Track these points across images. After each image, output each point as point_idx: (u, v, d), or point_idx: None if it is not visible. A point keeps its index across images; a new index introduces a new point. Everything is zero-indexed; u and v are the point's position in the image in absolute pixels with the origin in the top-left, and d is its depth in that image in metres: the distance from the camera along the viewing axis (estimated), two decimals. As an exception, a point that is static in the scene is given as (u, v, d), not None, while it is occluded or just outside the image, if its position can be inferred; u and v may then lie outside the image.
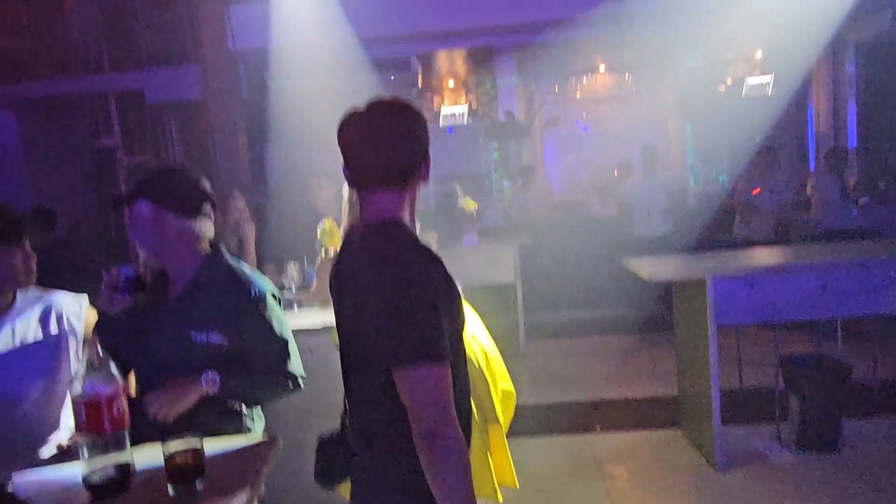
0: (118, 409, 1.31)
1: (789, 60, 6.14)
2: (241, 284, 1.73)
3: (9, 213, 1.71)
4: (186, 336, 1.69)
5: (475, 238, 5.30)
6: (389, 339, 1.14)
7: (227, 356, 1.71)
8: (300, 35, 5.61)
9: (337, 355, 2.22)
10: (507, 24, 5.81)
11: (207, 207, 1.76)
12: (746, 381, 3.79)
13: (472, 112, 7.64)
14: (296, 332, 1.85)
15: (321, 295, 2.96)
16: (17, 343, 1.73)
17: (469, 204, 6.44)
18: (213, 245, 1.79)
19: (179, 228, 1.70)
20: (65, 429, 1.78)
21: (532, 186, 6.83)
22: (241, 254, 3.85)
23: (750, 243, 4.85)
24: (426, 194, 7.10)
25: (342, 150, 1.33)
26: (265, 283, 1.78)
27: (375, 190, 1.30)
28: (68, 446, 1.75)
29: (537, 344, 5.31)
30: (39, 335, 1.76)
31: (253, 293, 1.72)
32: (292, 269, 3.11)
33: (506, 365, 2.01)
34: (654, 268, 3.27)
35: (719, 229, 5.14)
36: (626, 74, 7.51)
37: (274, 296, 1.79)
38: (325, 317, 2.80)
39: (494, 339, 2.10)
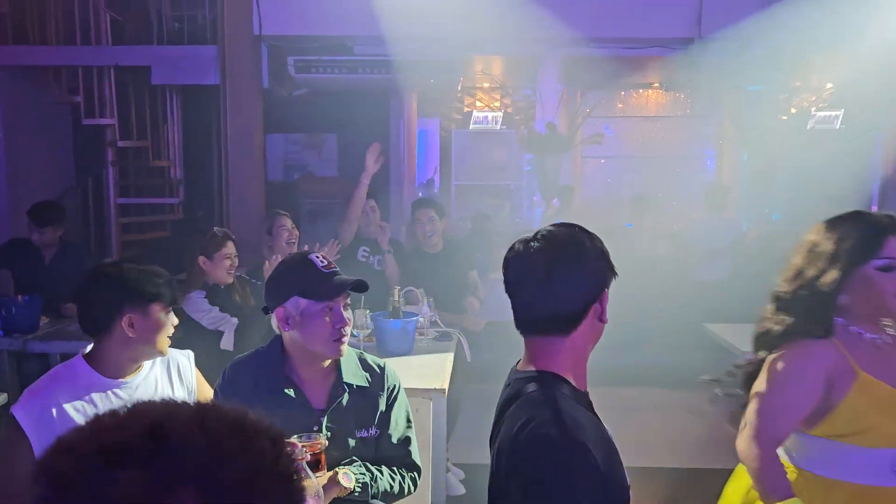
0: None
1: (862, 98, 6.45)
2: (380, 377, 2.01)
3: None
4: (350, 436, 1.90)
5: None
6: None
7: (376, 446, 1.92)
8: (337, 25, 5.70)
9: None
10: (557, 37, 5.94)
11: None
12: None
13: (507, 118, 7.82)
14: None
15: None
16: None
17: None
18: None
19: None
20: None
21: (571, 208, 7.03)
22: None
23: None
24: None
25: (506, 285, 1.36)
26: (393, 372, 2.07)
27: (535, 336, 1.34)
28: None
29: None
30: (169, 391, 1.99)
31: (392, 384, 2.01)
32: (363, 316, 3.29)
33: None
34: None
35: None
36: (681, 95, 7.77)
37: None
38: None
39: None
